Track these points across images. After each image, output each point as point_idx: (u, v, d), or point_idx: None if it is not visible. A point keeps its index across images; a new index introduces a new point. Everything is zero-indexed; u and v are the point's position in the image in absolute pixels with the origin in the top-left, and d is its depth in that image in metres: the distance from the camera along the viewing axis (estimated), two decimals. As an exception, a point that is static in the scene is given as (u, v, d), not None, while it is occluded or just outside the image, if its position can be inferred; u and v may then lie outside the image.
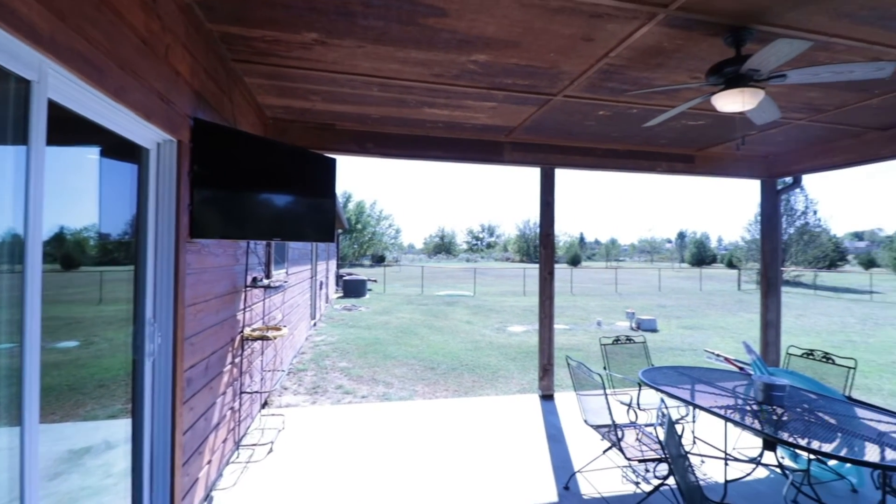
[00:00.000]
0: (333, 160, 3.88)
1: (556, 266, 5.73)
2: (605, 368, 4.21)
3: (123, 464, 2.22)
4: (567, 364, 3.48)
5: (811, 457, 3.22)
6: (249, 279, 3.95)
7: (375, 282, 25.58)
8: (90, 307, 2.09)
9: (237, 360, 3.69)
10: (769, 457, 3.68)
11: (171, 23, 2.24)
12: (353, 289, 19.38)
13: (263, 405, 4.94)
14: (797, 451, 3.58)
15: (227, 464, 3.57)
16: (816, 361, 3.77)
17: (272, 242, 5.08)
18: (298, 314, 8.24)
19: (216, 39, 2.84)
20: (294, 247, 7.70)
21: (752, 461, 3.67)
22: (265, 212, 3.25)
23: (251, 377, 4.20)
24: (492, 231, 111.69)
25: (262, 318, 4.60)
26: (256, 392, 4.38)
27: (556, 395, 5.47)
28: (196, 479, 2.80)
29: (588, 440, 4.16)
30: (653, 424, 3.56)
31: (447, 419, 4.75)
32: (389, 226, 64.77)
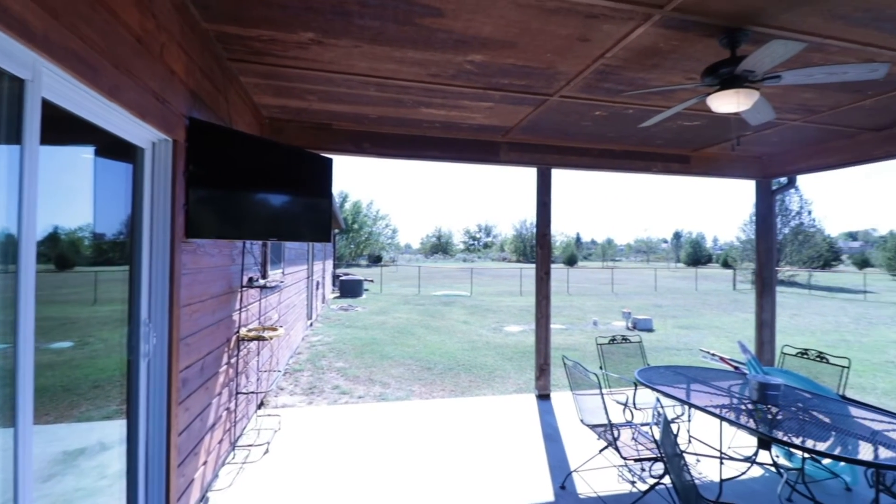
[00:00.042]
0: (330, 160, 3.87)
1: (553, 266, 5.74)
2: (602, 368, 4.22)
3: (118, 465, 2.21)
4: (563, 364, 3.49)
5: (806, 455, 3.24)
6: (245, 279, 3.93)
7: (372, 282, 25.55)
8: (85, 307, 2.07)
9: (233, 361, 3.67)
10: (764, 456, 3.70)
11: (167, 21, 2.24)
12: (350, 289, 19.35)
13: (259, 406, 4.92)
14: (792, 450, 3.60)
15: (223, 464, 3.56)
16: (811, 361, 3.80)
17: (268, 242, 5.07)
18: (295, 314, 8.22)
19: (212, 38, 2.83)
20: (290, 247, 7.68)
21: (747, 460, 3.69)
22: (261, 212, 3.24)
23: (247, 378, 4.19)
24: (489, 231, 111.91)
25: (259, 319, 4.59)
26: (252, 392, 4.36)
27: (553, 395, 5.48)
28: (192, 480, 2.79)
29: (584, 439, 4.17)
30: (649, 424, 3.57)
31: (444, 419, 4.75)
32: (386, 226, 64.76)
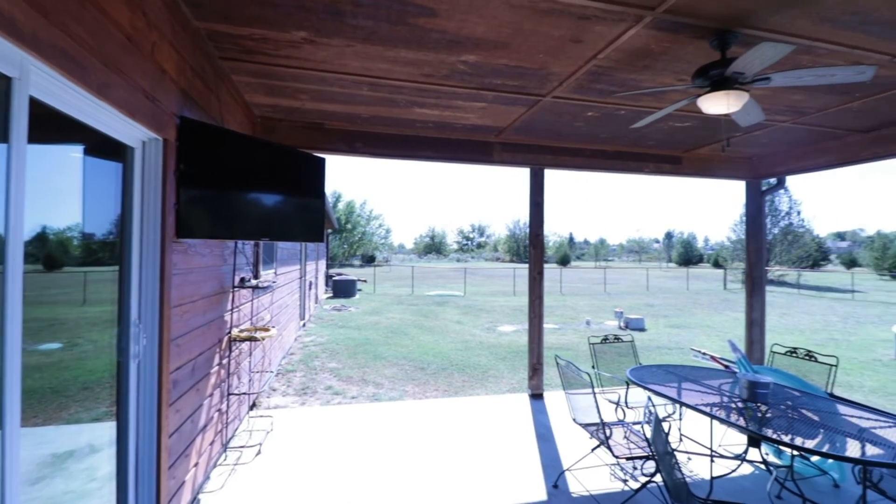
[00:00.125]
0: (322, 159, 3.86)
1: (546, 266, 5.76)
2: (594, 367, 4.25)
3: (108, 467, 2.18)
4: (556, 363, 3.50)
5: (794, 453, 3.28)
6: (237, 279, 3.91)
7: (365, 282, 25.48)
8: (74, 308, 2.05)
9: (225, 362, 3.65)
10: (754, 453, 3.74)
11: (157, 20, 2.22)
12: (343, 289, 19.28)
13: (252, 407, 4.89)
14: (781, 448, 3.64)
15: (215, 466, 3.53)
16: (799, 359, 3.85)
17: (260, 243, 5.04)
18: (287, 315, 8.17)
19: (203, 37, 2.81)
20: (283, 247, 7.64)
21: (738, 458, 3.73)
22: (253, 211, 3.22)
23: (239, 378, 4.16)
24: (482, 231, 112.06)
25: (251, 319, 4.56)
26: (244, 393, 4.34)
27: (546, 394, 5.50)
28: (182, 482, 2.77)
29: (577, 438, 4.19)
30: (640, 422, 3.60)
31: (437, 419, 4.75)
32: (380, 226, 64.69)
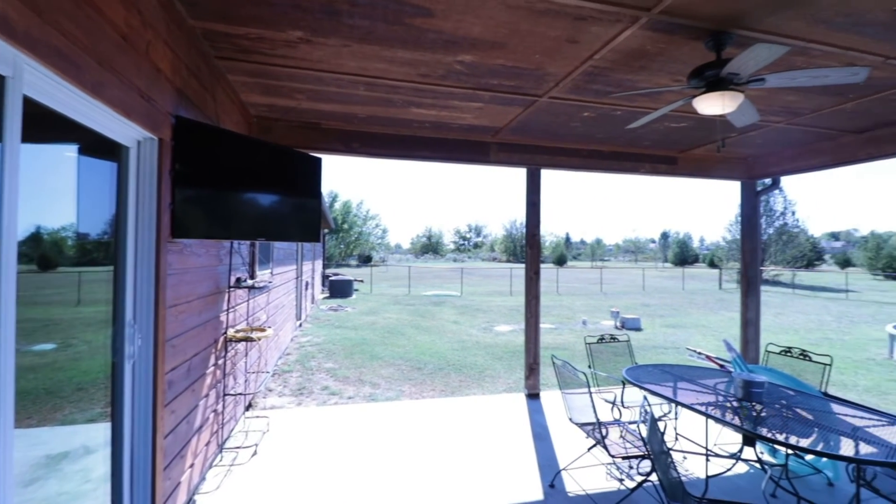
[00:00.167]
0: (319, 159, 3.85)
1: (543, 266, 5.78)
2: (590, 367, 4.26)
3: (103, 468, 2.17)
4: (553, 363, 3.51)
5: (789, 452, 3.30)
6: (233, 280, 3.90)
7: (362, 282, 25.45)
8: (68, 308, 2.04)
9: (220, 362, 3.64)
10: (749, 452, 3.76)
11: (152, 19, 2.21)
12: (340, 289, 19.25)
13: (248, 407, 4.88)
14: (776, 447, 3.66)
15: (211, 467, 3.52)
16: (794, 358, 3.87)
17: (256, 242, 5.02)
18: (283, 315, 8.15)
19: (199, 36, 2.80)
20: (279, 247, 7.62)
21: (733, 457, 3.75)
22: (249, 211, 3.21)
23: (235, 379, 4.15)
24: (479, 231, 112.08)
25: (247, 319, 4.55)
26: (240, 394, 4.32)
27: (542, 394, 5.51)
28: (178, 483, 2.76)
29: (573, 438, 4.20)
30: (636, 422, 3.61)
31: (434, 419, 4.75)
32: (376, 226, 64.53)
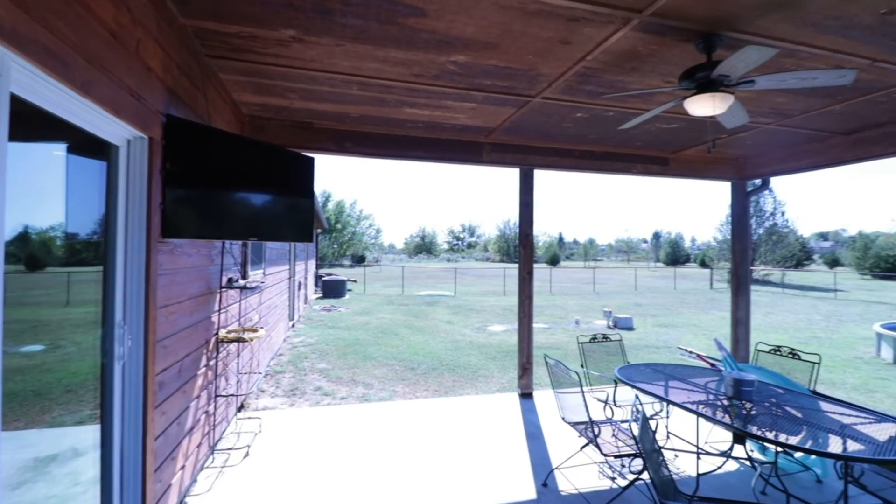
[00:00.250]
0: (311, 159, 3.84)
1: (536, 266, 5.79)
2: (583, 366, 4.28)
3: (92, 471, 2.15)
4: (545, 362, 3.52)
5: (778, 449, 3.34)
6: (225, 280, 3.87)
7: (355, 282, 25.36)
8: (57, 309, 2.01)
9: (212, 363, 3.61)
10: (739, 450, 3.80)
11: (143, 17, 2.19)
12: (333, 289, 19.17)
13: (240, 408, 4.85)
14: (765, 444, 3.70)
15: (202, 469, 3.49)
16: (783, 357, 3.92)
17: (248, 243, 4.99)
18: (276, 315, 8.11)
19: (190, 35, 2.78)
20: (271, 247, 7.57)
21: (723, 454, 3.79)
22: (241, 211, 3.19)
23: (227, 380, 4.12)
24: (472, 231, 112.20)
25: (238, 320, 4.52)
26: (232, 395, 4.29)
27: (535, 394, 5.53)
28: (169, 486, 2.74)
29: (566, 437, 4.22)
30: (628, 421, 3.63)
31: (427, 419, 4.74)
32: (370, 226, 64.33)
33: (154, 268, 2.38)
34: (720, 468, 3.67)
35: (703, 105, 2.77)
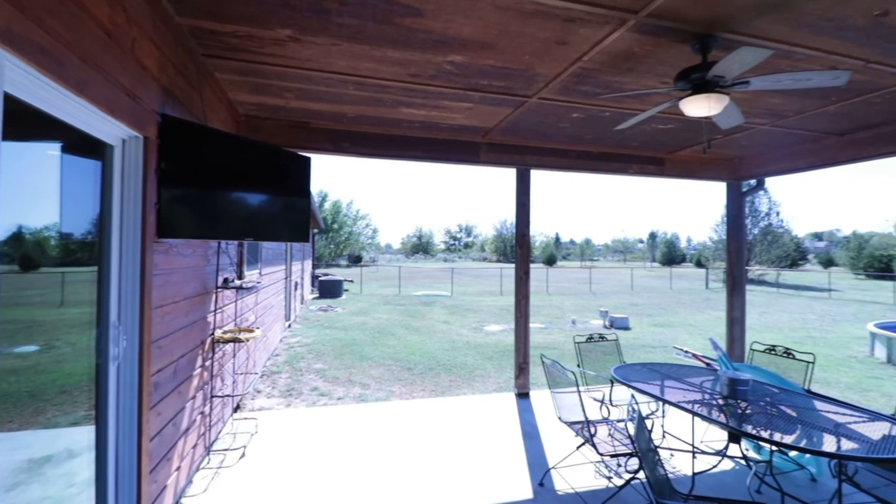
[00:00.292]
0: (308, 159, 3.83)
1: (532, 266, 5.80)
2: (579, 366, 4.29)
3: (87, 472, 2.14)
4: (542, 362, 3.53)
5: (773, 448, 3.36)
6: (221, 280, 3.86)
7: (352, 282, 25.33)
8: (51, 310, 2.00)
9: (208, 364, 3.60)
10: (734, 449, 3.82)
11: (138, 16, 2.18)
12: (329, 289, 19.14)
13: (236, 409, 4.83)
14: (760, 443, 3.72)
15: (198, 470, 3.48)
16: (778, 357, 3.94)
17: (244, 242, 4.98)
18: (272, 315, 8.09)
19: (185, 34, 2.77)
20: (268, 247, 7.55)
21: (718, 454, 3.80)
22: (237, 211, 3.18)
23: (222, 380, 4.10)
24: (469, 231, 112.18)
25: (234, 320, 4.51)
26: (228, 396, 4.28)
27: (532, 393, 5.54)
28: (164, 487, 2.72)
29: (562, 437, 4.22)
30: (624, 420, 3.64)
31: (424, 419, 4.74)
32: (366, 226, 64.20)
33: (149, 268, 2.37)
34: (716, 467, 3.69)
35: (699, 106, 2.78)
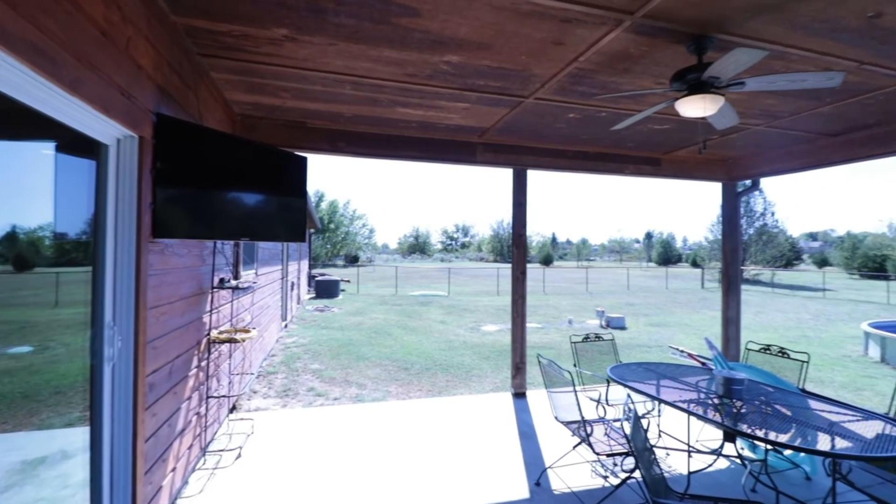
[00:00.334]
0: (304, 158, 3.82)
1: (529, 266, 5.81)
2: (576, 366, 4.30)
3: (82, 473, 2.13)
4: (538, 362, 3.54)
5: (768, 447, 3.38)
6: (216, 280, 3.84)
7: (349, 282, 25.29)
8: (45, 310, 1.99)
9: (203, 364, 3.58)
10: (729, 448, 3.84)
11: (133, 14, 2.16)
12: (326, 289, 19.10)
13: (231, 409, 4.81)
14: (755, 442, 3.74)
15: (193, 471, 3.47)
16: (773, 356, 3.96)
17: (240, 243, 4.96)
18: (268, 316, 8.06)
19: (181, 33, 2.75)
20: (264, 247, 7.53)
21: (714, 453, 3.82)
22: (233, 211, 3.17)
23: (218, 381, 4.09)
24: (466, 231, 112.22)
25: (230, 321, 4.49)
26: (224, 396, 4.27)
27: (529, 393, 5.55)
28: (160, 488, 2.71)
29: (559, 436, 4.23)
30: (620, 419, 3.65)
31: (421, 419, 4.74)
32: (363, 225, 64.08)
33: (144, 268, 2.36)
34: (711, 466, 3.70)
35: (694, 106, 2.79)
